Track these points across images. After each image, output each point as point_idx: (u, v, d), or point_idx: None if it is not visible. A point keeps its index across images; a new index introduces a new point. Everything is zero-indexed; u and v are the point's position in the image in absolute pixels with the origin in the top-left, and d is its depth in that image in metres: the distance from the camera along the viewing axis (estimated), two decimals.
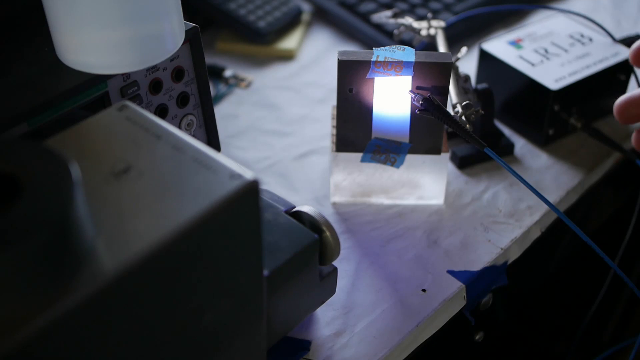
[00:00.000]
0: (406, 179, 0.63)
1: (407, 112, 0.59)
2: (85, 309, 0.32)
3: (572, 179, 0.68)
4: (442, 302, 0.56)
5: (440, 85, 0.58)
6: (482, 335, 0.65)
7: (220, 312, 0.40)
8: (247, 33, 0.85)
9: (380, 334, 0.54)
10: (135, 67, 0.50)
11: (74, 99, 0.49)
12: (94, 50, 0.48)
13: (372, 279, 0.58)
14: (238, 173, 0.38)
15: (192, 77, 0.58)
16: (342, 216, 0.64)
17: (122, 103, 0.43)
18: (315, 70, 0.83)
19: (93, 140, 0.41)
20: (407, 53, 0.57)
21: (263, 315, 0.44)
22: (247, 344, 0.45)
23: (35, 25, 0.53)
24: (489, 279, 0.60)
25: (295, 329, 0.54)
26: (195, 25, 0.56)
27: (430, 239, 0.62)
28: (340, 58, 0.57)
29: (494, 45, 0.72)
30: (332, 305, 0.55)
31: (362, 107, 0.59)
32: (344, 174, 0.63)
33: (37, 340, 0.30)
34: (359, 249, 0.61)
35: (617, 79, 0.72)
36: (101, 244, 0.34)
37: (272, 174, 0.69)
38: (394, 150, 0.61)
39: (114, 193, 0.37)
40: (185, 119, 0.58)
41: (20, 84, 0.49)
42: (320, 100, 0.78)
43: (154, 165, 0.38)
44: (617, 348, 0.70)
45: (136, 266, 0.33)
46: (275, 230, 0.49)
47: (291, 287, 0.49)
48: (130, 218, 0.35)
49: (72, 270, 0.32)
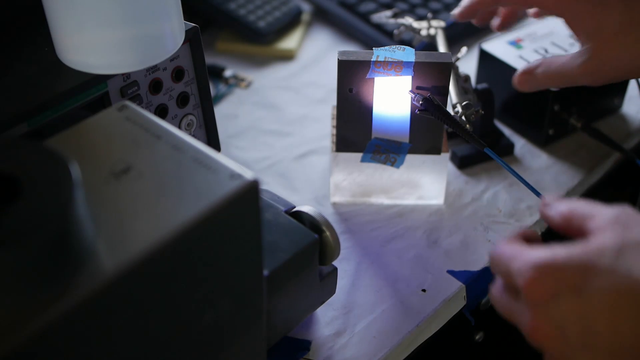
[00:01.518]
0: (406, 179, 0.63)
1: (407, 112, 0.59)
2: (85, 309, 0.32)
3: (572, 179, 0.68)
4: (442, 302, 0.56)
5: (440, 85, 0.58)
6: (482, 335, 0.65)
7: (220, 312, 0.40)
8: (247, 33, 0.85)
9: (380, 334, 0.54)
10: (135, 67, 0.50)
11: (74, 99, 0.49)
12: (94, 50, 0.48)
13: (372, 279, 0.58)
14: (238, 173, 0.38)
15: (192, 77, 0.58)
16: (342, 216, 0.64)
17: (122, 103, 0.43)
18: (315, 70, 0.83)
19: (93, 140, 0.41)
20: (407, 53, 0.57)
21: (263, 315, 0.44)
22: (247, 344, 0.45)
23: (35, 25, 0.53)
24: (489, 279, 0.60)
25: (295, 329, 0.54)
26: (195, 25, 0.56)
27: (430, 239, 0.62)
28: (340, 58, 0.57)
29: (494, 45, 0.72)
30: (332, 305, 0.55)
31: (362, 107, 0.59)
32: (344, 174, 0.63)
33: (37, 340, 0.30)
34: (359, 249, 0.61)
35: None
36: (101, 244, 0.34)
37: (272, 174, 0.68)
38: (394, 150, 0.61)
39: (114, 193, 0.37)
40: (185, 119, 0.58)
41: (20, 84, 0.49)
42: (320, 100, 0.78)
43: (154, 165, 0.38)
44: None
45: (136, 266, 0.33)
46: (275, 230, 0.49)
47: (291, 287, 0.49)
48: (130, 218, 0.35)
49: (72, 270, 0.32)
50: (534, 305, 0.41)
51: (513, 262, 0.42)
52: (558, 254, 0.41)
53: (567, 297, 0.40)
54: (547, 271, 0.40)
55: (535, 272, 0.40)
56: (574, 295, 0.40)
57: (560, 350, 0.41)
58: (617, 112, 0.75)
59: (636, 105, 0.76)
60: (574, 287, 0.40)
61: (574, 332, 0.40)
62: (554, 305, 0.40)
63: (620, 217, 0.42)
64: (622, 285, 0.39)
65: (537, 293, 0.41)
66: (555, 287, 0.40)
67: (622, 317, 0.39)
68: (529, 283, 0.41)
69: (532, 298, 0.41)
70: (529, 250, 0.42)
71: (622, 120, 0.75)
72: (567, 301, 0.40)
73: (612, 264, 0.40)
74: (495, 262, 0.44)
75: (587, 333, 0.40)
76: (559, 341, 0.41)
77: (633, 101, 0.76)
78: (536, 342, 0.42)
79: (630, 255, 0.40)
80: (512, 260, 0.42)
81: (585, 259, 0.40)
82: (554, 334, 0.41)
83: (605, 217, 0.42)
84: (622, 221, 0.42)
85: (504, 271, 0.43)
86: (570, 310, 0.40)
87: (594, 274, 0.40)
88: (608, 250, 0.40)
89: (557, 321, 0.40)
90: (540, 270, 0.40)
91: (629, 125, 0.74)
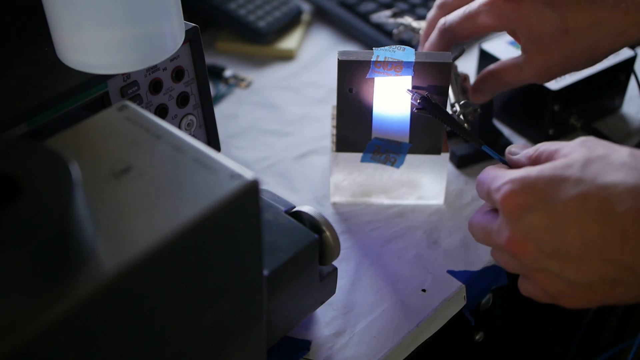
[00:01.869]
0: (406, 179, 0.63)
1: (407, 112, 0.59)
2: (85, 308, 0.32)
3: None
4: (442, 302, 0.56)
5: (440, 85, 0.58)
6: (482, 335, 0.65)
7: (220, 312, 0.40)
8: (247, 33, 0.85)
9: (380, 334, 0.54)
10: (135, 67, 0.50)
11: (74, 99, 0.49)
12: (94, 50, 0.48)
13: (372, 279, 0.58)
14: (238, 173, 0.38)
15: (192, 77, 0.58)
16: (342, 216, 0.64)
17: (122, 103, 0.43)
18: (315, 70, 0.83)
19: (93, 140, 0.41)
20: (407, 53, 0.57)
21: (263, 315, 0.44)
22: (247, 344, 0.45)
23: (35, 25, 0.53)
24: (489, 279, 0.60)
25: (295, 329, 0.54)
26: (195, 25, 0.56)
27: (430, 239, 0.62)
28: (340, 58, 0.57)
29: (494, 45, 0.72)
30: (332, 305, 0.55)
31: (362, 107, 0.59)
32: (344, 174, 0.63)
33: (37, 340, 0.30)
34: (359, 249, 0.61)
35: (617, 79, 0.72)
36: (101, 244, 0.34)
37: (272, 174, 0.69)
38: (394, 150, 0.61)
39: (114, 193, 0.37)
40: (185, 119, 0.58)
41: (20, 84, 0.49)
42: (320, 100, 0.78)
43: (153, 165, 0.38)
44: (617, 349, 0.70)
45: (136, 266, 0.33)
46: (275, 230, 0.49)
47: (291, 287, 0.49)
48: (130, 218, 0.35)
49: (72, 270, 0.32)
50: (510, 218, 0.45)
51: (493, 183, 0.47)
52: (531, 171, 0.45)
53: (539, 209, 0.44)
54: (521, 186, 0.45)
55: (510, 187, 0.45)
56: (545, 206, 0.44)
57: (535, 259, 0.45)
58: (617, 112, 0.75)
59: (636, 105, 0.76)
60: (544, 199, 0.44)
61: (547, 241, 0.44)
62: (527, 217, 0.44)
63: (586, 142, 0.47)
64: (588, 191, 0.43)
65: (512, 206, 0.45)
66: (528, 200, 0.45)
67: (589, 221, 0.43)
68: (504, 197, 0.45)
69: (508, 212, 0.45)
70: (507, 171, 0.47)
71: (622, 120, 0.75)
72: (539, 213, 0.44)
73: (578, 174, 0.44)
74: (479, 186, 0.49)
75: (558, 240, 0.44)
76: (533, 251, 0.45)
77: (633, 101, 0.76)
78: (513, 254, 0.46)
79: (594, 166, 0.44)
80: (492, 181, 0.47)
81: (554, 173, 0.45)
82: (529, 245, 0.45)
83: (572, 144, 0.47)
84: (588, 145, 0.46)
85: (485, 192, 0.48)
86: (541, 220, 0.44)
87: (562, 184, 0.44)
88: (575, 164, 0.45)
89: (531, 232, 0.44)
90: (514, 186, 0.45)
91: (629, 125, 0.74)
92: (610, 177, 0.43)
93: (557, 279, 0.45)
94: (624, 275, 0.43)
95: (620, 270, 0.43)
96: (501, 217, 0.46)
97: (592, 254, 0.43)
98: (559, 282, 0.45)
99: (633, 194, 0.42)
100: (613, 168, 0.44)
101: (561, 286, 0.45)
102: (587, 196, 0.43)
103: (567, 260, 0.44)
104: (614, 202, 0.42)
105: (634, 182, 0.43)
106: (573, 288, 0.45)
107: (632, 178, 0.43)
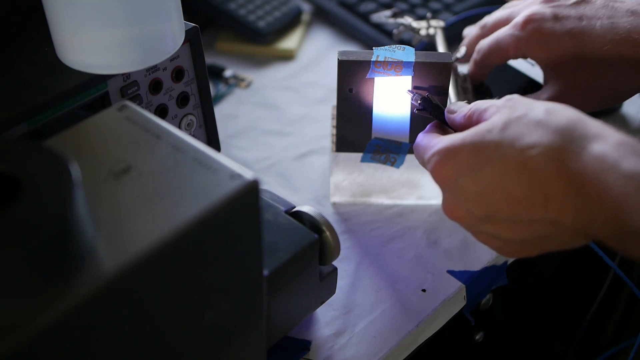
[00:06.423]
0: (406, 179, 0.63)
1: (407, 112, 0.59)
2: (85, 308, 0.32)
3: None
4: (442, 302, 0.56)
5: (440, 85, 0.58)
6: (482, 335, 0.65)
7: (220, 312, 0.40)
8: (247, 33, 0.85)
9: (380, 334, 0.54)
10: (135, 67, 0.50)
11: (74, 99, 0.49)
12: (94, 50, 0.48)
13: (372, 279, 0.58)
14: (238, 173, 0.38)
15: (192, 77, 0.58)
16: (342, 216, 0.64)
17: (122, 103, 0.43)
18: (315, 70, 0.83)
19: (93, 140, 0.41)
20: (407, 53, 0.57)
21: (263, 315, 0.44)
22: (247, 344, 0.45)
23: (35, 25, 0.53)
24: (489, 279, 0.60)
25: (295, 329, 0.54)
26: (195, 25, 0.56)
27: (430, 239, 0.62)
28: (340, 58, 0.57)
29: None
30: (332, 305, 0.55)
31: (362, 107, 0.59)
32: (344, 174, 0.63)
33: (37, 340, 0.30)
34: (359, 249, 0.61)
35: None
36: (101, 244, 0.34)
37: (272, 174, 0.69)
38: (394, 150, 0.61)
39: (114, 193, 0.37)
40: (185, 119, 0.58)
41: (20, 84, 0.49)
42: (320, 100, 0.78)
43: (153, 165, 0.38)
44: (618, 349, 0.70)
45: (136, 266, 0.33)
46: (275, 230, 0.49)
47: (291, 287, 0.49)
48: (130, 218, 0.35)
49: (72, 270, 0.32)
50: (443, 189, 0.48)
51: (425, 153, 0.48)
52: (455, 139, 0.46)
53: (466, 177, 0.46)
54: (447, 156, 0.46)
55: (437, 159, 0.47)
56: (472, 172, 0.46)
57: (471, 224, 0.47)
58: (617, 112, 0.75)
59: (636, 105, 0.76)
60: (470, 167, 0.46)
61: (476, 207, 0.46)
62: (456, 186, 0.46)
63: (508, 102, 0.47)
64: (508, 155, 0.44)
65: (442, 177, 0.47)
66: (455, 169, 0.46)
67: (512, 184, 0.44)
68: (434, 169, 0.47)
69: (440, 182, 0.47)
70: (436, 140, 0.48)
71: (622, 120, 0.74)
72: (466, 180, 0.46)
73: (497, 139, 0.45)
74: (416, 153, 0.51)
75: (486, 206, 0.45)
76: (468, 218, 0.47)
77: (633, 101, 0.76)
78: (452, 220, 0.48)
79: (513, 128, 0.45)
80: (425, 151, 0.49)
81: (475, 139, 0.46)
82: (462, 212, 0.47)
83: (497, 103, 0.48)
84: (510, 105, 0.47)
85: (421, 160, 0.50)
86: (470, 187, 0.46)
87: (484, 151, 0.45)
88: (494, 128, 0.45)
89: (462, 200, 0.46)
90: (441, 157, 0.47)
91: (629, 125, 0.74)
92: (526, 140, 0.44)
93: (494, 238, 0.47)
94: (553, 231, 0.44)
95: (548, 226, 0.44)
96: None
97: (520, 216, 0.44)
98: (497, 241, 0.47)
99: (548, 155, 0.43)
100: (530, 128, 0.44)
101: (499, 243, 0.48)
102: (507, 161, 0.44)
103: (498, 223, 0.46)
104: (532, 166, 0.43)
105: (548, 142, 0.43)
106: (510, 245, 0.47)
107: (547, 138, 0.43)
